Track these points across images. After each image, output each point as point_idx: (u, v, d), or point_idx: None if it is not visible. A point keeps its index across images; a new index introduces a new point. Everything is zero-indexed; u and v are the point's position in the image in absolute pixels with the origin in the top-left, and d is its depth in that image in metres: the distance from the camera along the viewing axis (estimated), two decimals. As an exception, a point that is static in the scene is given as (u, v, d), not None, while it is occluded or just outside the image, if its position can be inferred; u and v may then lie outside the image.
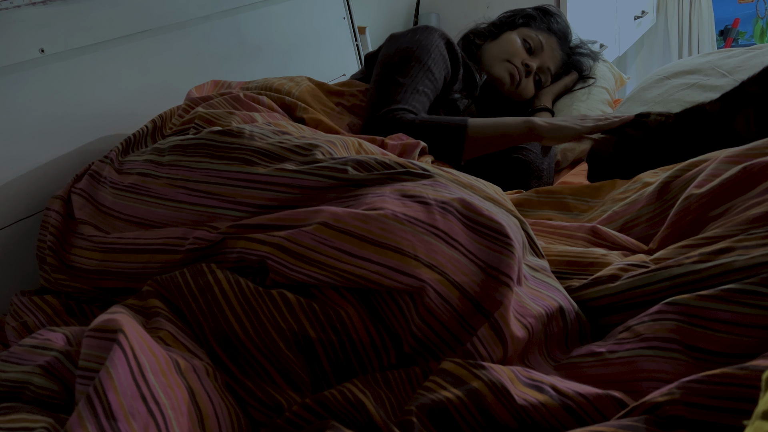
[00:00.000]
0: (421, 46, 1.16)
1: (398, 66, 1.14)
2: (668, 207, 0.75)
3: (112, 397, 0.43)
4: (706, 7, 3.07)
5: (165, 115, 1.01)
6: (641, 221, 0.79)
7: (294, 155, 0.73)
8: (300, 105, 1.05)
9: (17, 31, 0.93)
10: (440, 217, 0.60)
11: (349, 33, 1.68)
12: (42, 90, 0.97)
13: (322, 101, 1.12)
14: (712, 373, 0.42)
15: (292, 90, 1.09)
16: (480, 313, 0.56)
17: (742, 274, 0.52)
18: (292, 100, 1.06)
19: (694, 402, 0.41)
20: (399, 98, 1.08)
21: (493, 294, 0.56)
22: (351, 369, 0.58)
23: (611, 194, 0.90)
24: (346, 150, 0.80)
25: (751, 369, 0.41)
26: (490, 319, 0.55)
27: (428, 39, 1.18)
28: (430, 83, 1.14)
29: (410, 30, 1.22)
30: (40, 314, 0.75)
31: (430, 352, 0.57)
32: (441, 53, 1.19)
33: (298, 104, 1.05)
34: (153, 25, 1.14)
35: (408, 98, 1.09)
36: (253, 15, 1.37)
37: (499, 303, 0.55)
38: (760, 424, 0.31)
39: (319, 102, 1.12)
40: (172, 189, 0.75)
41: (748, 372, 0.41)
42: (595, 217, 0.87)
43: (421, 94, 1.11)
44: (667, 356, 0.51)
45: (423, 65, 1.14)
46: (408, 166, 0.72)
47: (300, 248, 0.60)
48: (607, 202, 0.89)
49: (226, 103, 0.98)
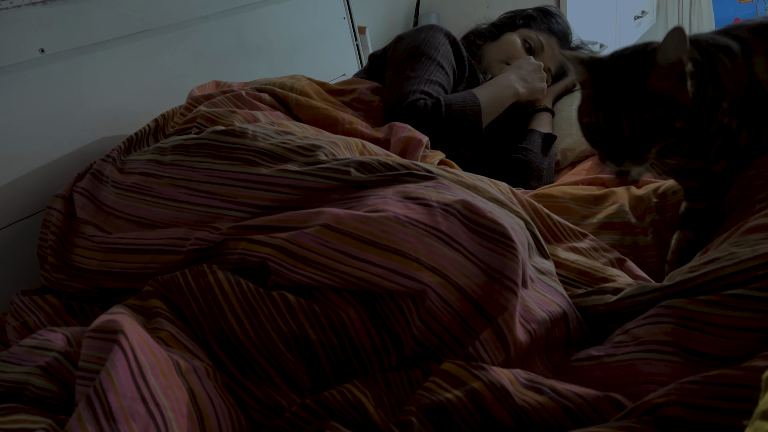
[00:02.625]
0: (429, 44, 1.18)
1: (408, 62, 1.15)
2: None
3: (112, 398, 0.43)
4: (706, 7, 3.07)
5: (167, 115, 1.01)
6: None
7: (297, 156, 0.73)
8: (301, 98, 1.05)
9: (17, 30, 0.93)
10: (442, 219, 0.60)
11: (349, 33, 1.68)
12: (42, 90, 0.97)
13: (322, 96, 1.12)
14: (709, 374, 0.43)
15: (295, 85, 1.09)
16: (482, 316, 0.56)
17: (734, 279, 0.52)
18: (293, 96, 1.06)
19: (691, 402, 0.41)
20: (414, 88, 1.09)
21: (497, 297, 0.56)
22: (352, 371, 0.58)
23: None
24: (349, 151, 0.80)
25: (748, 369, 0.42)
26: (494, 324, 0.54)
27: (435, 37, 1.20)
28: (443, 75, 1.16)
29: (416, 29, 1.23)
30: (41, 314, 0.75)
31: (431, 354, 0.56)
32: (447, 51, 1.20)
33: (299, 98, 1.05)
34: (153, 24, 1.14)
35: (421, 87, 1.10)
36: (253, 15, 1.37)
37: (504, 308, 0.55)
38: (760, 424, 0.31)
39: (319, 96, 1.12)
40: (175, 189, 0.74)
41: (745, 372, 0.41)
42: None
43: (435, 84, 1.13)
44: (665, 359, 0.51)
45: (432, 60, 1.16)
46: (411, 167, 0.72)
47: (301, 250, 0.60)
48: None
49: (229, 102, 0.98)
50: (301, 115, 1.03)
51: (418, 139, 0.96)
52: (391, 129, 1.01)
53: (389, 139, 0.99)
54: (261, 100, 1.02)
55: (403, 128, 0.99)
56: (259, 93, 1.03)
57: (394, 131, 0.99)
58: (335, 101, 1.13)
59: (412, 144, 0.95)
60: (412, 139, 0.95)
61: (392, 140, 0.97)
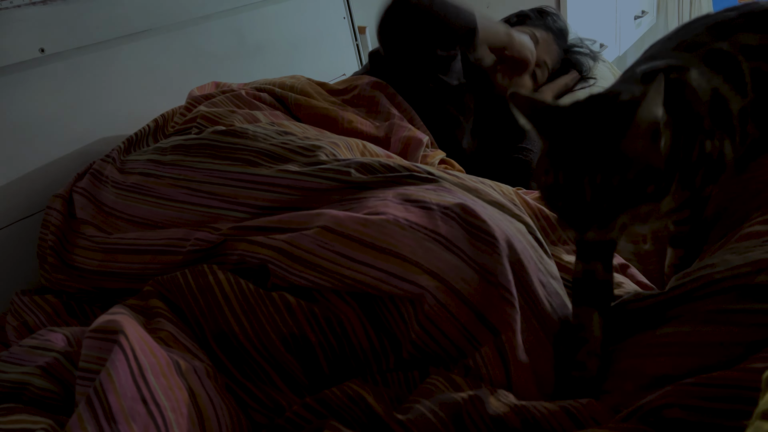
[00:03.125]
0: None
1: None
2: None
3: (113, 398, 0.43)
4: (706, 7, 3.07)
5: (167, 115, 1.01)
6: None
7: (297, 156, 0.73)
8: (300, 98, 1.05)
9: (17, 30, 0.93)
10: (442, 223, 0.60)
11: (349, 33, 1.68)
12: (42, 89, 0.97)
13: (323, 96, 1.12)
14: (707, 375, 0.42)
15: (295, 85, 1.09)
16: (482, 324, 0.55)
17: (725, 284, 0.52)
18: (293, 95, 1.05)
19: (691, 404, 0.41)
20: None
21: (499, 307, 0.55)
22: (350, 372, 0.58)
23: None
24: (350, 151, 0.79)
25: (746, 370, 0.41)
26: (496, 339, 0.54)
27: None
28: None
29: None
30: (41, 313, 0.75)
31: (429, 359, 0.56)
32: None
33: (299, 97, 1.04)
34: (153, 24, 1.14)
35: None
36: (253, 15, 1.37)
37: (507, 325, 0.54)
38: (760, 424, 0.31)
39: (320, 96, 1.12)
40: (175, 189, 0.74)
41: (744, 374, 0.41)
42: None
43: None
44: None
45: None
46: (412, 169, 0.72)
47: (301, 252, 0.60)
48: None
49: (228, 102, 0.98)
50: (301, 115, 1.03)
51: (419, 139, 0.96)
52: (391, 128, 1.00)
53: (389, 137, 0.99)
54: (261, 99, 1.02)
55: (404, 127, 0.99)
56: (258, 93, 1.03)
57: (394, 130, 0.99)
58: (336, 101, 1.13)
59: (413, 144, 0.95)
60: (413, 139, 0.95)
61: (392, 139, 0.97)
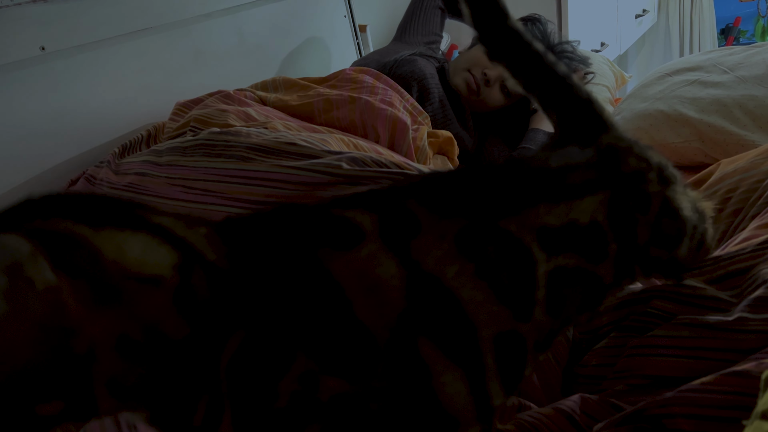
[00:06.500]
0: None
1: None
2: None
3: None
4: (707, 6, 3.06)
5: (158, 125, 1.03)
6: None
7: (290, 147, 0.74)
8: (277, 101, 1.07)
9: (18, 28, 0.93)
10: None
11: (349, 31, 1.68)
12: (42, 88, 0.97)
13: (299, 84, 1.13)
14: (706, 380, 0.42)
15: (269, 85, 1.13)
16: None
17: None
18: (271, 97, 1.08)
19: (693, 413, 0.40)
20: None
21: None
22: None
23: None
24: (339, 148, 0.80)
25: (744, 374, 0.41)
26: None
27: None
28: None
29: None
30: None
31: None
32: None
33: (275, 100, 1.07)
34: (154, 23, 1.14)
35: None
36: (253, 13, 1.37)
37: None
38: (760, 423, 0.31)
39: (297, 86, 1.13)
40: (170, 187, 0.75)
41: (743, 379, 0.40)
42: None
43: None
44: None
45: None
46: (404, 166, 0.73)
47: None
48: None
49: (218, 101, 0.99)
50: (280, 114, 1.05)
51: (403, 122, 0.98)
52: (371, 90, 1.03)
53: (365, 121, 1.00)
54: (247, 97, 1.04)
55: (383, 110, 1.00)
56: (244, 91, 1.06)
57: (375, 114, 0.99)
58: (316, 86, 1.13)
59: (398, 128, 0.97)
60: (398, 122, 0.97)
61: (379, 129, 0.98)
